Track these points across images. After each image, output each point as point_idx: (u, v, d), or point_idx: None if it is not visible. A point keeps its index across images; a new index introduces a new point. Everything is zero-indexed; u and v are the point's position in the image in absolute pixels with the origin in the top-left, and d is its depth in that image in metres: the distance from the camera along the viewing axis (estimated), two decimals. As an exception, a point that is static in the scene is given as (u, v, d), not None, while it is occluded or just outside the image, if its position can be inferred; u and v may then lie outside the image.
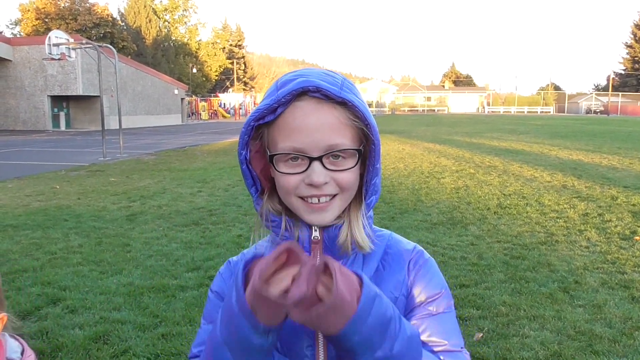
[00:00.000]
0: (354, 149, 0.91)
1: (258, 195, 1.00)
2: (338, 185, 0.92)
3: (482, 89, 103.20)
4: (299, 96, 0.89)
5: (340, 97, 0.88)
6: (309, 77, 0.89)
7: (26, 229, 6.85)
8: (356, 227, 0.96)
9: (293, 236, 0.97)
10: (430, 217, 7.40)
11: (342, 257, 0.97)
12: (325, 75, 0.92)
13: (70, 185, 10.76)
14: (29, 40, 39.36)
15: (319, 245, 0.97)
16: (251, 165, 0.97)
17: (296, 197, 0.92)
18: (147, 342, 3.62)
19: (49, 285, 4.73)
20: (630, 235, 6.39)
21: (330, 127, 0.89)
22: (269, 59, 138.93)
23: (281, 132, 0.91)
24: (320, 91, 0.88)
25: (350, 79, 1.05)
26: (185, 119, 51.01)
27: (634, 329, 3.77)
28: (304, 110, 0.89)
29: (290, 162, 0.91)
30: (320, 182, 0.89)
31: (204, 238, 6.36)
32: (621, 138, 23.76)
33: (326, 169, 0.90)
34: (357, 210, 0.97)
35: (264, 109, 0.90)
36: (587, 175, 11.53)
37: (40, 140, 25.31)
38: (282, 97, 0.88)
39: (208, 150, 19.51)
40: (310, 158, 0.89)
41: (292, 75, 0.92)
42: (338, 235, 0.96)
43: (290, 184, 0.91)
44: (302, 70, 0.94)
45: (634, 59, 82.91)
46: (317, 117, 0.89)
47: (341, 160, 0.91)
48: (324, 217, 0.93)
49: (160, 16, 73.33)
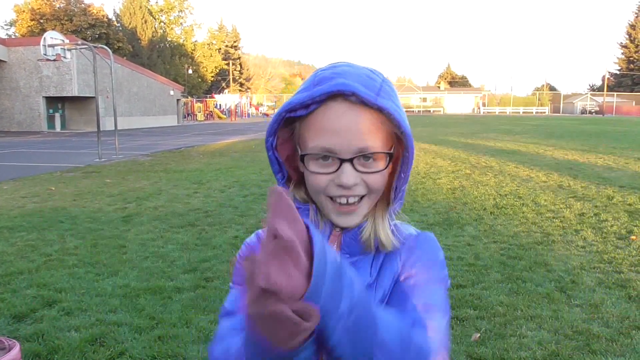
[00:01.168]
0: (385, 152, 0.91)
1: (284, 182, 1.00)
2: (367, 187, 0.91)
3: (477, 90, 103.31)
4: (334, 97, 0.88)
5: (376, 105, 0.87)
6: (347, 80, 0.87)
7: (21, 231, 6.81)
8: (381, 226, 0.95)
9: (318, 226, 0.96)
10: (426, 218, 7.40)
11: (364, 253, 0.97)
12: (365, 78, 0.90)
13: (66, 186, 10.72)
14: (24, 41, 39.19)
15: (338, 237, 0.97)
16: (278, 152, 0.98)
17: (325, 196, 0.92)
18: (144, 345, 3.60)
19: (44, 287, 4.71)
20: (627, 234, 6.41)
21: (363, 130, 0.88)
22: (265, 59, 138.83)
23: (312, 131, 0.90)
24: (356, 96, 0.87)
25: None
26: (181, 120, 50.91)
27: (631, 328, 3.78)
28: (337, 112, 0.88)
29: (321, 162, 0.91)
30: (350, 184, 0.89)
31: (200, 239, 6.34)
32: (616, 138, 23.83)
33: (357, 171, 0.89)
34: (383, 210, 0.97)
35: (297, 103, 0.89)
36: (582, 175, 11.55)
37: (36, 142, 25.22)
38: (316, 95, 0.87)
39: (204, 151, 19.48)
40: (341, 159, 0.89)
41: (331, 73, 0.90)
42: (361, 232, 0.95)
43: (320, 183, 0.91)
44: (342, 67, 0.92)
45: (628, 59, 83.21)
46: (350, 119, 0.88)
47: (371, 162, 0.90)
48: (352, 220, 0.93)
49: (156, 17, 73.19)
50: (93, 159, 16.23)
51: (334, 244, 0.97)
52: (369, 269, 0.96)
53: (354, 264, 0.96)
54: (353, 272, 0.71)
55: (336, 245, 0.97)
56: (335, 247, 0.97)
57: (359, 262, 0.96)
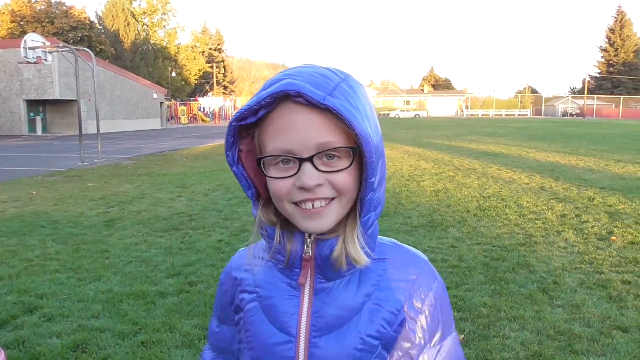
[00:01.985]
0: (348, 147, 0.82)
1: (254, 199, 0.92)
2: (334, 188, 0.84)
3: (460, 93, 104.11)
4: (283, 100, 0.81)
5: (324, 104, 0.79)
6: (295, 79, 0.81)
7: (1, 236, 6.71)
8: (350, 242, 0.88)
9: (285, 249, 0.91)
10: (410, 220, 7.43)
11: (336, 276, 0.92)
12: (317, 77, 0.82)
13: (47, 190, 10.59)
14: (4, 43, 38.58)
15: (310, 262, 0.91)
16: (244, 167, 0.90)
17: (289, 202, 0.85)
18: (127, 350, 3.57)
19: (25, 293, 4.64)
20: (607, 235, 6.49)
21: (319, 126, 0.81)
22: (249, 62, 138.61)
23: (268, 134, 0.84)
24: (302, 96, 0.80)
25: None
26: (164, 123, 50.59)
27: (612, 328, 3.83)
28: (291, 109, 0.82)
29: (281, 166, 0.84)
30: (311, 184, 0.82)
31: (184, 243, 6.30)
32: (597, 140, 24.17)
33: (318, 170, 0.82)
34: (353, 225, 0.88)
35: (245, 110, 0.84)
36: (564, 176, 11.70)
37: (16, 145, 24.88)
38: (262, 99, 0.82)
39: (187, 154, 19.37)
40: (300, 159, 0.82)
41: (282, 75, 0.84)
42: (331, 251, 0.88)
43: (282, 189, 0.84)
44: (296, 68, 0.86)
45: (608, 62, 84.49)
46: (305, 116, 0.81)
47: (336, 161, 0.83)
48: (321, 224, 0.85)
49: (139, 19, 72.61)
50: (75, 163, 16.05)
51: (307, 270, 0.91)
52: (353, 293, 0.92)
53: (334, 289, 0.92)
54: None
55: (310, 272, 0.92)
56: (309, 274, 0.92)
57: (339, 287, 0.92)
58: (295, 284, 0.93)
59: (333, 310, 0.91)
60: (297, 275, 0.92)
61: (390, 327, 0.91)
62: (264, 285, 0.96)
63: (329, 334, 0.91)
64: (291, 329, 0.92)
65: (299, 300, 0.92)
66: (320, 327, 0.91)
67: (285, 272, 0.94)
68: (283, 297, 0.94)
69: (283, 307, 0.93)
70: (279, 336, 0.93)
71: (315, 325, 0.91)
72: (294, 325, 0.92)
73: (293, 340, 0.92)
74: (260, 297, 0.96)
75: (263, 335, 0.94)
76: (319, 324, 0.91)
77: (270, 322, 0.94)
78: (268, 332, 0.94)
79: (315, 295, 0.92)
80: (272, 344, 0.93)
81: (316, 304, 0.92)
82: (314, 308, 0.92)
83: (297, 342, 0.91)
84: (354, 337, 0.90)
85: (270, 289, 0.95)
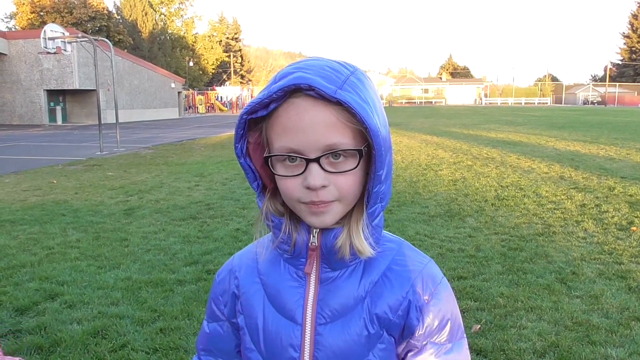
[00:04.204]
0: (354, 149, 0.83)
1: (260, 191, 0.94)
2: (338, 190, 0.84)
3: (479, 81, 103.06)
4: (294, 92, 0.81)
5: (335, 98, 0.79)
6: (306, 73, 0.80)
7: (23, 224, 6.84)
8: (355, 233, 0.89)
9: (291, 239, 0.92)
10: (427, 210, 7.40)
11: (341, 265, 0.93)
12: (328, 70, 0.82)
13: (68, 179, 10.74)
14: (25, 34, 39.12)
15: (316, 252, 0.92)
16: (251, 159, 0.91)
17: (297, 201, 0.87)
18: (146, 337, 3.62)
19: (46, 280, 4.73)
20: (627, 225, 6.41)
21: (327, 126, 0.81)
22: (266, 51, 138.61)
23: (276, 131, 0.84)
24: (314, 90, 0.79)
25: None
26: (182, 112, 50.87)
27: (630, 319, 3.79)
28: (299, 108, 0.81)
29: (288, 163, 0.85)
30: (317, 185, 0.82)
31: (202, 232, 6.36)
32: (618, 128, 23.78)
33: (325, 171, 0.83)
34: (358, 216, 0.89)
35: (256, 103, 0.83)
36: (584, 166, 11.54)
37: (37, 135, 25.24)
38: (273, 92, 0.81)
39: (205, 143, 19.47)
40: (307, 159, 0.82)
41: (292, 68, 0.83)
42: (336, 240, 0.89)
43: (289, 188, 0.85)
44: (305, 61, 0.85)
45: (631, 49, 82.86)
46: (313, 115, 0.81)
47: (342, 161, 0.83)
48: (324, 220, 0.87)
49: (156, 9, 72.94)
50: (94, 152, 16.24)
51: (313, 259, 0.93)
52: (357, 282, 0.94)
53: (338, 278, 0.94)
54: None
55: (315, 261, 0.93)
56: (315, 263, 0.93)
57: (343, 276, 0.94)
58: (302, 273, 0.95)
59: (338, 298, 0.93)
60: (303, 265, 0.94)
61: (394, 314, 0.93)
62: (269, 274, 0.98)
63: (334, 322, 0.93)
64: (297, 317, 0.94)
65: (305, 289, 0.94)
66: (326, 315, 0.93)
67: (291, 261, 0.95)
68: (289, 285, 0.95)
69: (289, 295, 0.95)
70: (284, 323, 0.95)
71: (321, 313, 0.93)
72: (300, 313, 0.94)
73: (299, 327, 0.94)
74: (266, 285, 0.98)
75: (268, 323, 0.96)
76: (324, 312, 0.93)
77: (276, 309, 0.96)
78: (274, 319, 0.96)
79: (320, 284, 0.94)
80: (278, 331, 0.95)
81: (322, 293, 0.94)
82: (320, 296, 0.94)
83: (302, 330, 0.93)
84: (359, 324, 0.92)
85: (275, 277, 0.97)
